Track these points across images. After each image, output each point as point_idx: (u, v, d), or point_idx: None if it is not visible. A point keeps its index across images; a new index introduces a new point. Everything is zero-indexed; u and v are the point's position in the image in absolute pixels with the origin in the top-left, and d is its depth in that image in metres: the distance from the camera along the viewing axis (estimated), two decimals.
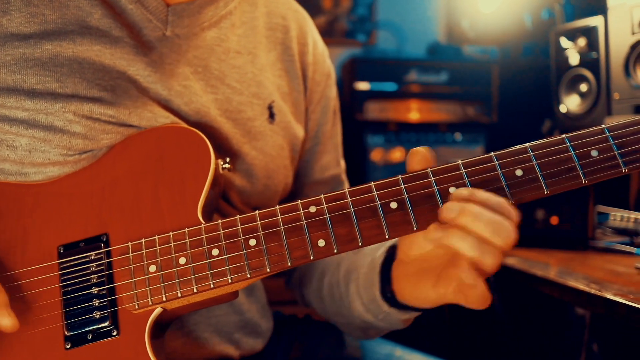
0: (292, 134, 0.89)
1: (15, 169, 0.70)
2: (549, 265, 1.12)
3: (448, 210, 0.58)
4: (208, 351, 0.80)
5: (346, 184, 1.03)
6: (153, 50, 0.75)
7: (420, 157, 0.63)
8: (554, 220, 1.30)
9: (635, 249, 1.19)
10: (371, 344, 0.97)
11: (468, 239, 0.56)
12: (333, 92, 0.98)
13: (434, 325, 1.86)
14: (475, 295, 0.59)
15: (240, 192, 0.82)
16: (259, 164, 0.83)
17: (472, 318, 1.88)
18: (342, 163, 1.03)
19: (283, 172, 0.87)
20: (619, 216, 1.35)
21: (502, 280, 1.70)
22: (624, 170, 0.59)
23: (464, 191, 0.59)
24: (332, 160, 0.99)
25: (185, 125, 0.72)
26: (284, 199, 0.92)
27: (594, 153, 0.60)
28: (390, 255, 0.74)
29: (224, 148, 0.79)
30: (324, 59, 0.96)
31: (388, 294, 0.73)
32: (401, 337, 0.92)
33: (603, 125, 0.61)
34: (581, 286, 0.95)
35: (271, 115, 0.85)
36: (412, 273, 0.67)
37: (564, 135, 0.61)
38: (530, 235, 1.33)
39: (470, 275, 0.58)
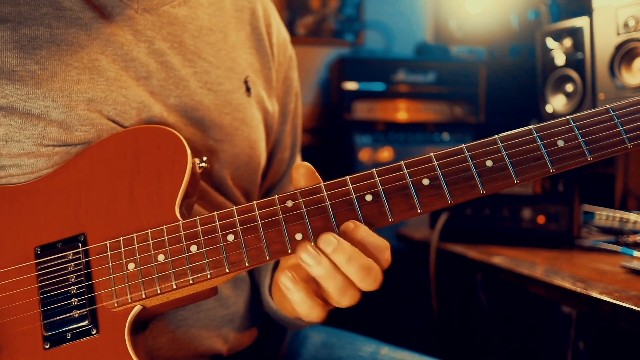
0: (265, 108, 0.91)
1: None
2: (535, 264, 1.13)
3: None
4: (195, 346, 0.79)
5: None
6: (127, 29, 0.76)
7: (303, 170, 0.65)
8: (541, 219, 1.30)
9: (621, 247, 1.20)
10: (357, 342, 0.96)
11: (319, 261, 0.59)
12: (296, 75, 1.01)
13: (422, 323, 1.86)
14: (291, 300, 0.61)
15: (227, 164, 0.83)
16: (242, 134, 0.84)
17: (460, 316, 1.88)
18: (299, 157, 1.04)
19: (262, 145, 0.90)
20: (604, 215, 1.36)
21: (489, 278, 1.70)
22: (589, 158, 0.62)
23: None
24: (291, 141, 1.01)
25: (162, 126, 0.72)
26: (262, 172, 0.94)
27: (560, 143, 0.62)
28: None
29: (207, 120, 0.80)
30: (286, 43, 0.99)
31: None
32: (389, 335, 0.91)
33: (568, 116, 0.63)
34: (567, 285, 0.95)
35: (247, 89, 0.87)
36: None
37: (531, 126, 0.63)
38: (517, 234, 1.33)
39: (288, 279, 0.60)
